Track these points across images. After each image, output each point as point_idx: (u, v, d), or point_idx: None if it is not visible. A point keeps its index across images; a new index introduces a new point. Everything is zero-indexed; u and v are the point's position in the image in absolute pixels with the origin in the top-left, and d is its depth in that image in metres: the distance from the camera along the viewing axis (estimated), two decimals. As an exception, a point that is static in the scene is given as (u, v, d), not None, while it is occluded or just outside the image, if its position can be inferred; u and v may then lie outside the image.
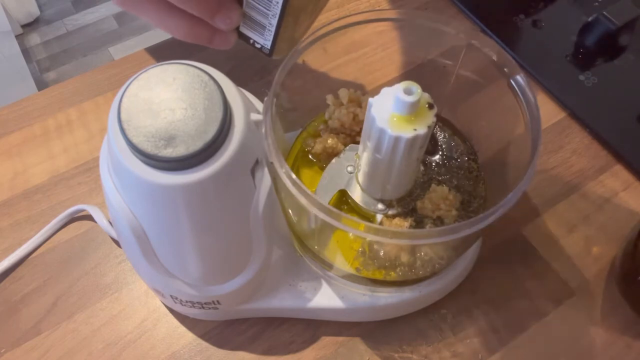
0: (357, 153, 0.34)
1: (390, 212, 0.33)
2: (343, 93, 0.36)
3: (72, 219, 0.42)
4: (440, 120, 0.38)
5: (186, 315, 0.38)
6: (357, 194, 0.34)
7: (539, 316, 0.38)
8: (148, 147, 0.25)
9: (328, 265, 0.36)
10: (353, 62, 0.41)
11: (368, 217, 0.34)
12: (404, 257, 0.33)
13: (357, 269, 0.34)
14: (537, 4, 0.53)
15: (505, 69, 0.32)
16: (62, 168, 0.45)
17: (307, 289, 0.36)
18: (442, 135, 0.38)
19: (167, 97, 0.26)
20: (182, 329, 0.38)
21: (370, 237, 0.26)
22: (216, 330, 0.38)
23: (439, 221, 0.33)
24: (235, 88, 0.28)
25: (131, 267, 0.40)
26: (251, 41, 0.33)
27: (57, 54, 1.60)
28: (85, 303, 0.39)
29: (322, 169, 0.36)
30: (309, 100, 0.38)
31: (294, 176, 0.27)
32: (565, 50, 0.50)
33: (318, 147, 0.36)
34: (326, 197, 0.34)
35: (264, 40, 0.32)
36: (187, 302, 0.34)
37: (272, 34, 0.31)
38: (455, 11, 0.54)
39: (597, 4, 0.52)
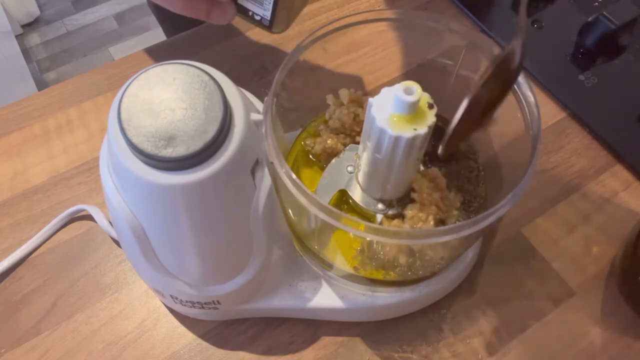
0: (357, 153, 0.34)
1: (390, 212, 0.33)
2: (344, 93, 0.36)
3: (72, 219, 0.42)
4: (440, 120, 0.38)
5: (186, 315, 0.38)
6: (357, 194, 0.34)
7: (539, 316, 0.38)
8: (148, 147, 0.25)
9: (328, 265, 0.36)
10: (353, 62, 0.41)
11: (368, 217, 0.34)
12: (404, 257, 0.32)
13: (354, 268, 0.34)
14: (537, 4, 0.53)
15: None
16: (62, 168, 0.45)
17: (307, 289, 0.36)
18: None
19: (167, 97, 0.26)
20: (182, 329, 0.38)
21: (370, 237, 0.26)
22: (216, 330, 0.38)
23: (439, 221, 0.33)
24: (235, 88, 0.28)
25: (131, 267, 0.40)
26: (250, 13, 0.32)
27: (57, 54, 1.60)
28: (85, 303, 0.39)
29: (322, 169, 0.36)
30: (309, 100, 0.38)
31: (294, 176, 0.27)
32: (565, 50, 0.50)
33: (318, 147, 0.36)
34: (326, 197, 0.34)
35: (264, 10, 0.31)
36: (187, 302, 0.34)
37: (272, 1, 0.31)
38: (455, 11, 0.54)
39: (597, 4, 0.52)
